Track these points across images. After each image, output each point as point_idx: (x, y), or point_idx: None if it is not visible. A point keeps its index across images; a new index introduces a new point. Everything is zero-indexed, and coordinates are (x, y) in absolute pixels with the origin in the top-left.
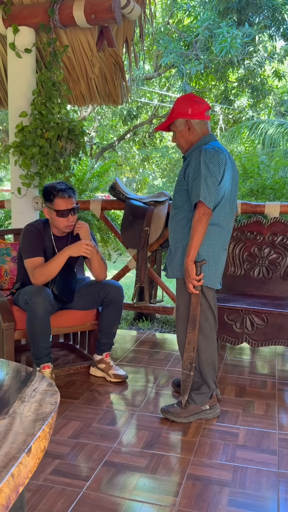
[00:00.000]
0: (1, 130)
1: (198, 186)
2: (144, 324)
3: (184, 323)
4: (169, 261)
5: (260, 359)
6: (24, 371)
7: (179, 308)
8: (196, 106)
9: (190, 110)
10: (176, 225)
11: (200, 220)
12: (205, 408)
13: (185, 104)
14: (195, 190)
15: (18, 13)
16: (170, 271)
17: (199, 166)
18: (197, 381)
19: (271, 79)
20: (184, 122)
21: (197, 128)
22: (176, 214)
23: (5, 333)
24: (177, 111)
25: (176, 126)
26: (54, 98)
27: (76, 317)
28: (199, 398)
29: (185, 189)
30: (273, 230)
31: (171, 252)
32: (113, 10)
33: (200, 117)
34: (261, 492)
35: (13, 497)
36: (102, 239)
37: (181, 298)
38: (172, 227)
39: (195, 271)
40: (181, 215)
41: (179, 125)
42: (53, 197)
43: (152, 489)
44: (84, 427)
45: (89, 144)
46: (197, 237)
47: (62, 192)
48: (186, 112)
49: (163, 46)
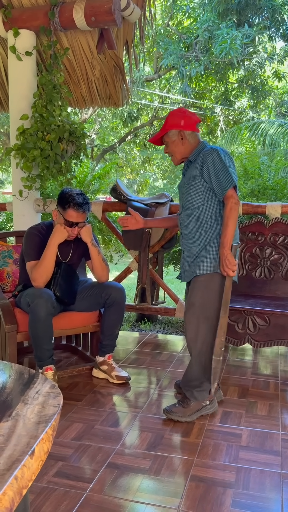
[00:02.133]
0: (2, 133)
1: (226, 175)
2: (146, 325)
3: (198, 319)
4: (189, 263)
5: (262, 359)
6: (27, 373)
7: (195, 304)
8: (188, 118)
9: (182, 121)
10: (200, 225)
11: (234, 209)
12: (205, 403)
13: (177, 117)
14: (224, 180)
15: (18, 16)
16: (196, 269)
17: (220, 158)
18: (199, 378)
19: (271, 79)
20: (177, 132)
21: (189, 138)
22: (197, 215)
23: (7, 335)
24: (170, 123)
25: (169, 137)
26: (55, 101)
27: (78, 319)
28: (200, 394)
29: (205, 187)
30: (275, 231)
31: (190, 254)
32: (113, 12)
33: (192, 129)
34: (265, 493)
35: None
36: (103, 241)
37: (199, 295)
38: (192, 229)
39: (234, 258)
40: (206, 214)
41: (172, 135)
42: (68, 206)
43: (155, 490)
44: (87, 429)
45: (90, 146)
46: (232, 226)
47: (78, 206)
48: (179, 123)
49: (163, 48)
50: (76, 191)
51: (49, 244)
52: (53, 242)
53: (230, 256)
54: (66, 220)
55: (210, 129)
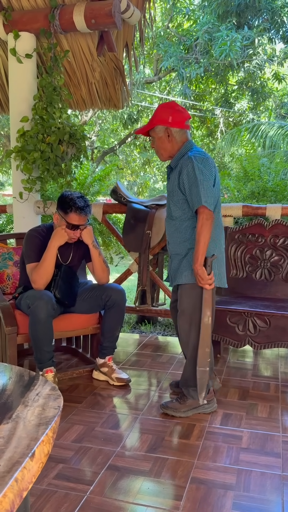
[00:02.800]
0: (3, 135)
1: (198, 191)
2: (146, 327)
3: (190, 325)
4: (174, 269)
5: (263, 361)
6: (27, 375)
7: (185, 312)
8: (176, 114)
9: (170, 118)
10: (179, 234)
11: (205, 224)
12: (203, 402)
13: (166, 112)
14: (195, 196)
15: (18, 19)
16: (178, 278)
17: (194, 172)
18: (194, 378)
19: (271, 81)
20: (164, 129)
21: (176, 136)
22: (177, 224)
23: (7, 337)
24: (158, 117)
25: (156, 132)
26: (55, 103)
27: (78, 321)
28: (196, 394)
29: (182, 199)
30: (275, 232)
31: (174, 260)
32: (113, 15)
33: (180, 126)
34: (265, 495)
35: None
36: (104, 243)
37: (186, 302)
38: (174, 237)
39: (206, 274)
40: (184, 225)
41: (158, 131)
42: (69, 210)
43: (156, 493)
44: (88, 431)
45: (90, 148)
46: (203, 242)
47: (80, 210)
48: (166, 119)
49: (163, 50)
50: (76, 194)
51: (49, 247)
52: (53, 244)
53: (201, 272)
54: (68, 223)
55: (210, 131)
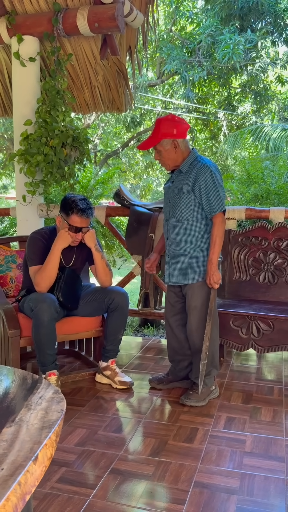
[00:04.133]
0: (6, 138)
1: (217, 198)
2: (149, 330)
3: (201, 320)
4: (179, 269)
5: (266, 365)
6: (30, 378)
7: (197, 307)
8: (179, 126)
9: (175, 130)
10: (189, 235)
11: (222, 228)
12: (212, 388)
13: (170, 125)
14: (214, 203)
15: (22, 23)
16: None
17: (212, 180)
18: (207, 367)
19: (274, 84)
20: (171, 142)
21: (182, 146)
22: (186, 225)
23: (10, 340)
24: (163, 131)
25: (162, 145)
26: (58, 106)
27: (81, 324)
28: (209, 380)
29: (194, 202)
30: (278, 235)
31: (180, 260)
32: (116, 18)
33: (184, 136)
34: (269, 500)
35: (20, 505)
36: (107, 246)
37: (197, 299)
38: (182, 238)
39: (219, 274)
40: (194, 226)
41: (166, 144)
42: (71, 212)
43: (159, 497)
44: (90, 435)
45: (93, 151)
46: (219, 244)
47: (82, 212)
48: (171, 132)
49: (166, 53)
50: (79, 196)
51: (52, 250)
52: (57, 247)
53: (217, 273)
54: (70, 225)
55: (213, 134)
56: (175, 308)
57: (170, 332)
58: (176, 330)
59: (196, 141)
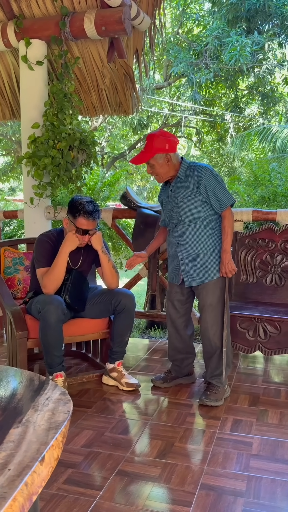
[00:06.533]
0: (14, 141)
1: (223, 193)
2: (156, 332)
3: (217, 317)
4: (197, 269)
5: (273, 367)
6: (37, 379)
7: (213, 304)
8: (170, 140)
9: (167, 145)
10: (204, 234)
11: (232, 219)
12: (226, 387)
13: (162, 141)
14: (222, 198)
15: (30, 27)
16: (209, 275)
17: (214, 178)
18: (219, 367)
19: (281, 86)
20: (164, 156)
21: (173, 159)
22: (199, 225)
23: (18, 342)
24: (156, 147)
25: (156, 160)
26: (65, 109)
27: (88, 326)
28: (224, 380)
29: (202, 201)
30: (285, 237)
31: (196, 261)
32: (123, 21)
33: (175, 150)
34: (276, 503)
35: (27, 506)
36: (113, 248)
37: (213, 297)
38: (197, 238)
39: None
40: (208, 224)
41: (159, 159)
42: (78, 214)
43: (165, 498)
44: (97, 436)
45: (100, 153)
46: (231, 234)
47: (89, 214)
48: (164, 147)
49: (173, 55)
50: (86, 198)
51: (60, 252)
52: (65, 250)
53: (231, 261)
54: (77, 227)
55: (220, 136)
56: (181, 310)
57: (174, 333)
58: (182, 331)
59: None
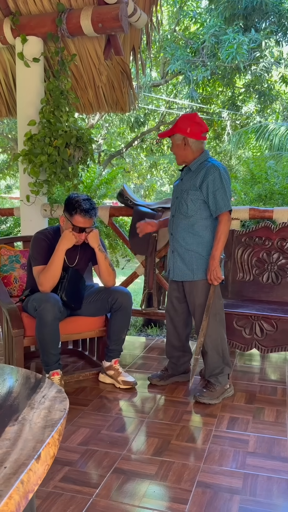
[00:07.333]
0: (10, 138)
1: (224, 198)
2: (152, 330)
3: (207, 317)
4: (185, 264)
5: (270, 365)
6: (34, 377)
7: (201, 305)
8: (195, 126)
9: (189, 129)
10: (194, 232)
11: (227, 227)
12: (227, 387)
13: (186, 123)
14: (221, 202)
15: (26, 23)
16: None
17: (220, 180)
18: (219, 366)
19: (278, 84)
20: (182, 138)
21: (192, 146)
22: (192, 222)
23: (14, 340)
24: (179, 126)
25: (175, 139)
26: (62, 107)
27: (85, 324)
28: (223, 379)
29: (201, 199)
30: (282, 236)
31: (185, 255)
32: (120, 19)
33: (196, 137)
34: (272, 500)
35: (23, 503)
36: (110, 246)
37: (202, 297)
38: (188, 234)
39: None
40: (200, 224)
41: (177, 139)
42: (74, 212)
43: (162, 496)
44: (94, 434)
45: (97, 151)
46: (223, 242)
47: (85, 212)
48: (185, 129)
49: (170, 53)
50: (83, 196)
51: (57, 250)
52: (61, 248)
53: (218, 269)
54: (74, 225)
55: (217, 133)
56: (179, 307)
57: (172, 330)
58: (180, 329)
59: None
